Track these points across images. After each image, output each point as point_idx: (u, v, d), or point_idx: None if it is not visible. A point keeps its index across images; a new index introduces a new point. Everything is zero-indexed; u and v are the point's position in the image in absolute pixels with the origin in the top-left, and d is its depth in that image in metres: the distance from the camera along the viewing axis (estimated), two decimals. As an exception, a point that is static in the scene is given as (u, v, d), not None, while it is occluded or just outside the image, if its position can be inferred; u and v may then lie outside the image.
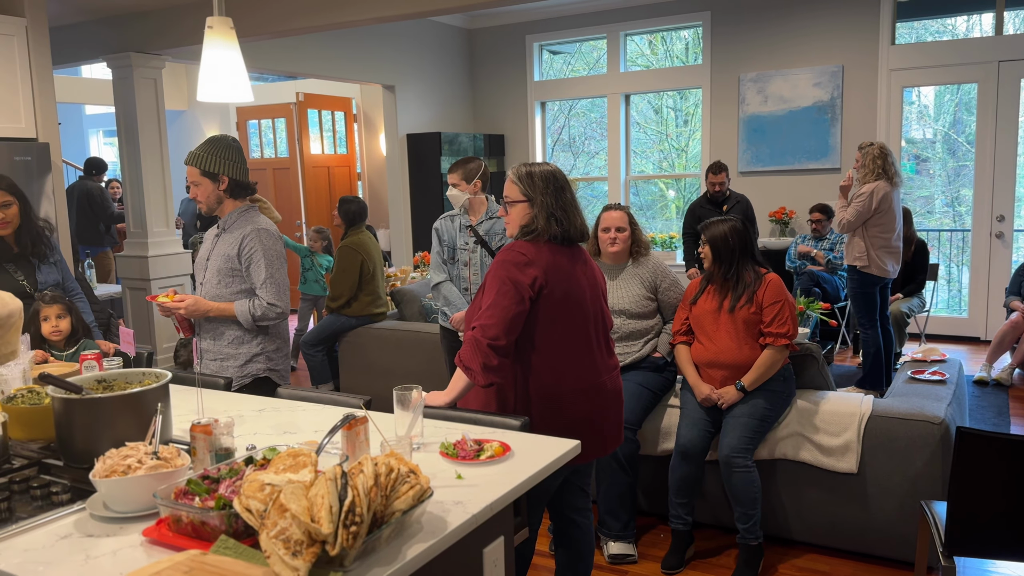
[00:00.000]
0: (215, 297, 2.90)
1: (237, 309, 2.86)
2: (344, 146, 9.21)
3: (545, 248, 2.33)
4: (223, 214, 2.93)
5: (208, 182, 2.84)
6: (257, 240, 2.84)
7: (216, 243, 2.94)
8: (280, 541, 1.35)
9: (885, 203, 4.91)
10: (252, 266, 2.86)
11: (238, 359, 2.91)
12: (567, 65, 8.75)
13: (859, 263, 5.03)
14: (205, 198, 2.88)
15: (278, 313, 2.87)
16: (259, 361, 2.92)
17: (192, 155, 2.85)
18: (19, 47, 4.52)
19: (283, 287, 2.89)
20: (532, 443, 2.03)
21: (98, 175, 7.81)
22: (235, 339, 2.91)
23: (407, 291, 5.46)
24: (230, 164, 2.84)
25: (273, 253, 2.87)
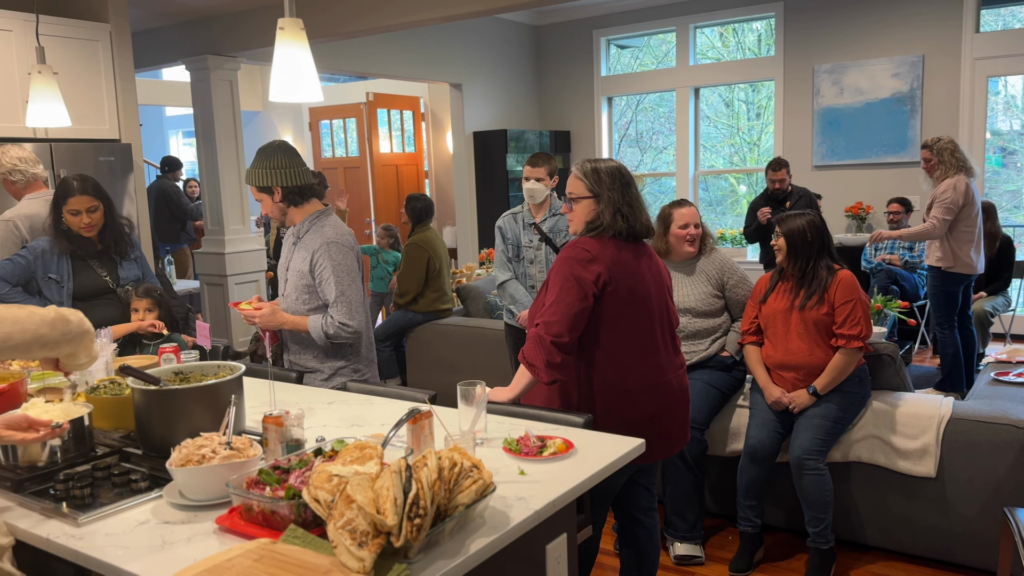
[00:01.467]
0: (294, 312, 2.82)
1: (311, 325, 2.76)
2: (412, 144, 9.33)
3: (610, 244, 2.31)
4: (294, 223, 2.84)
5: (267, 197, 2.77)
6: (327, 256, 2.73)
7: (293, 253, 2.85)
8: (347, 531, 1.38)
9: (969, 195, 4.74)
10: (323, 284, 2.75)
11: (323, 373, 2.83)
12: (635, 59, 8.66)
13: (943, 264, 4.84)
14: (270, 212, 2.81)
15: (351, 332, 2.74)
16: (345, 374, 2.84)
17: (247, 174, 2.79)
18: (103, 52, 4.71)
19: (355, 304, 2.76)
20: (596, 440, 2.01)
21: (172, 172, 8.11)
22: (320, 352, 2.82)
23: (472, 287, 5.50)
24: (279, 173, 2.73)
25: (343, 268, 2.74)
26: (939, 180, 4.82)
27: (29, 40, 4.27)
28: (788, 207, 5.77)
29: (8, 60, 4.26)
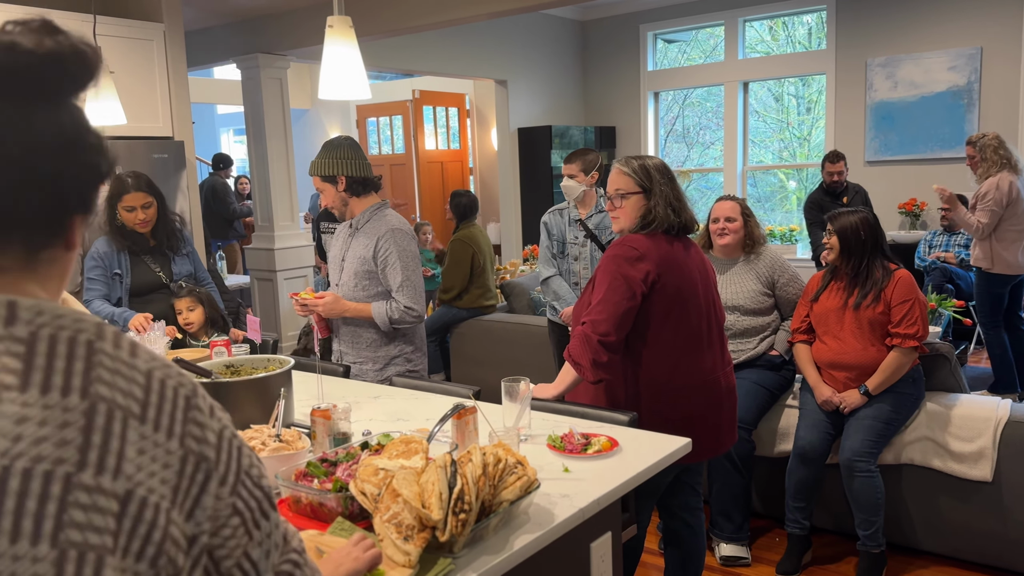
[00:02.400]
0: (352, 299, 2.86)
1: (374, 311, 2.81)
2: (457, 141, 9.36)
3: (660, 240, 2.29)
4: (353, 215, 2.90)
5: (329, 187, 2.83)
6: (392, 242, 2.79)
7: (350, 243, 2.91)
8: (392, 525, 1.39)
9: (1013, 193, 4.59)
10: (388, 268, 2.80)
11: (377, 362, 2.87)
12: (682, 54, 8.57)
13: (983, 264, 4.71)
14: (331, 203, 2.86)
15: (415, 316, 2.81)
16: (398, 363, 2.88)
17: (311, 164, 2.86)
18: (157, 51, 4.82)
19: (419, 289, 2.83)
20: (641, 439, 2.00)
21: (224, 169, 8.28)
22: (373, 342, 2.87)
23: (516, 284, 5.50)
24: (344, 163, 2.81)
25: (408, 254, 2.82)
26: (982, 178, 4.68)
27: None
28: (845, 202, 5.65)
29: (67, 60, 4.39)
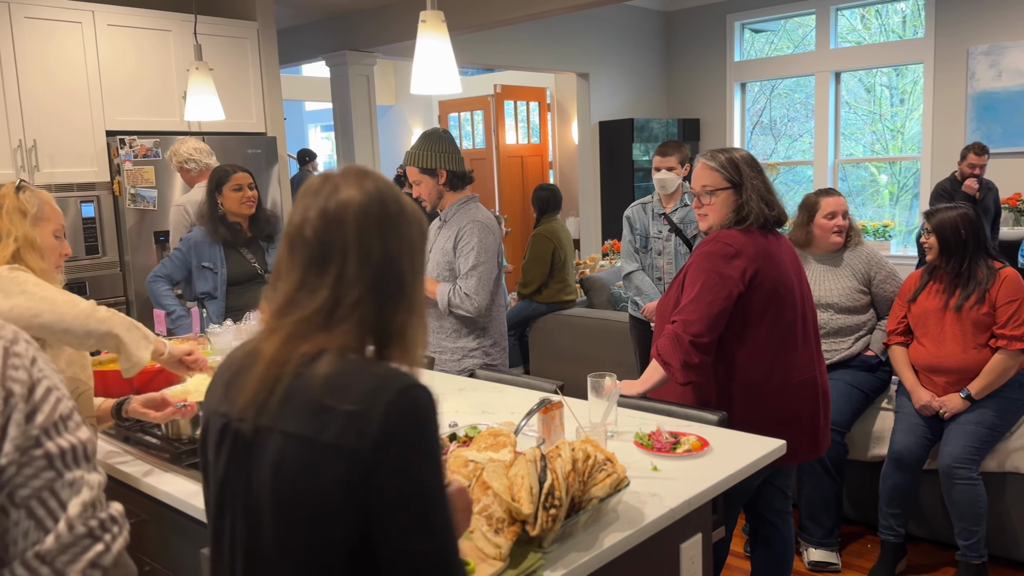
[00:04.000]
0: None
1: (438, 291, 2.84)
2: (537, 135, 9.36)
3: (755, 235, 2.23)
4: (443, 208, 2.92)
5: (428, 179, 2.84)
6: (472, 233, 2.81)
7: (437, 236, 2.94)
8: (483, 517, 1.39)
9: None
10: (461, 257, 2.82)
11: (456, 353, 2.90)
12: (769, 44, 8.33)
13: None
14: (427, 195, 2.87)
15: (473, 307, 2.80)
16: (476, 356, 2.89)
17: (409, 155, 2.87)
18: (251, 49, 4.97)
19: (484, 281, 2.81)
20: (732, 439, 1.95)
21: (309, 163, 8.51)
22: (452, 332, 2.89)
23: (596, 279, 5.46)
24: (446, 157, 2.83)
25: (483, 247, 2.81)
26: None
27: (185, 39, 4.56)
28: (978, 199, 5.40)
29: (166, 58, 4.57)
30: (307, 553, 1.00)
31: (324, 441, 0.98)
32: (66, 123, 4.20)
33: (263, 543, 1.03)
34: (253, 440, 1.04)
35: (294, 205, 1.10)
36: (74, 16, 4.21)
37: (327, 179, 1.09)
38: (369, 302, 1.04)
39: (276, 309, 1.06)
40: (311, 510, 0.99)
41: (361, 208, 1.06)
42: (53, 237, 1.89)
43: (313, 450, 0.99)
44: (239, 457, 1.05)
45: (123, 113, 4.40)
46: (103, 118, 4.33)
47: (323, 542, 1.00)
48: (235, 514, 1.07)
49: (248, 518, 1.04)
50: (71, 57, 4.20)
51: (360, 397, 0.99)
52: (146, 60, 4.49)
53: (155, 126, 4.53)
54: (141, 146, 4.34)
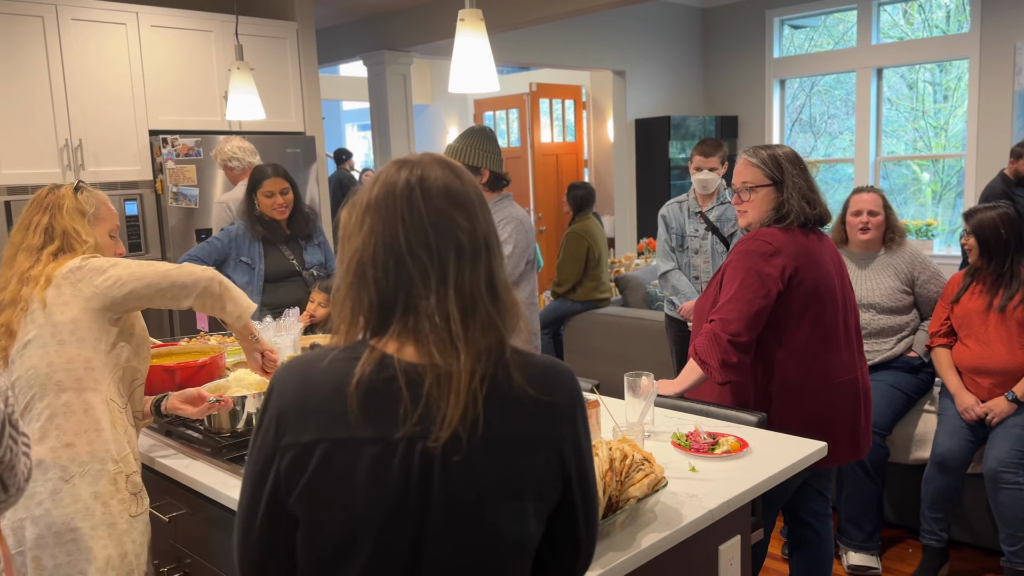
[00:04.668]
0: None
1: None
2: (572, 134, 9.33)
3: (796, 233, 2.20)
4: None
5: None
6: (507, 227, 2.78)
7: None
8: (519, 516, 1.39)
9: None
10: None
11: None
12: (809, 40, 8.21)
13: None
14: None
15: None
16: None
17: (453, 149, 2.82)
18: (290, 49, 5.03)
19: (508, 275, 2.80)
20: (772, 441, 1.93)
21: (346, 161, 8.60)
22: None
23: (631, 277, 5.43)
24: (490, 157, 2.80)
25: (511, 240, 2.78)
26: None
27: (226, 39, 4.63)
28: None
29: (208, 58, 4.65)
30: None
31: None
32: (110, 123, 4.29)
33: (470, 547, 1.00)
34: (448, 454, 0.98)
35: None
36: (119, 18, 4.29)
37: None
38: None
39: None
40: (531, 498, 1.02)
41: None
42: (108, 237, 1.93)
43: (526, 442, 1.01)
44: (427, 476, 0.98)
45: (165, 113, 4.48)
46: (146, 118, 4.41)
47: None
48: (418, 536, 0.99)
49: (454, 528, 0.99)
50: (115, 58, 4.29)
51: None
52: (188, 60, 4.57)
53: (197, 125, 4.60)
54: (183, 145, 4.42)
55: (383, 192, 1.04)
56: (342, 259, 1.05)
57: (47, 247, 1.81)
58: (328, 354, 1.03)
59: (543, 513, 1.04)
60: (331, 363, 1.02)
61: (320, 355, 1.04)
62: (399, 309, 1.01)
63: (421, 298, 1.00)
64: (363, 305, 1.02)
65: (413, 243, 1.01)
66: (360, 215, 1.04)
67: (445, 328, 0.99)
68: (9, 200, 3.93)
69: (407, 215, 1.01)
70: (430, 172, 1.05)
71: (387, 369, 0.99)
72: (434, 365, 0.98)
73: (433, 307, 0.99)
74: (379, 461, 0.97)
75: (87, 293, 1.75)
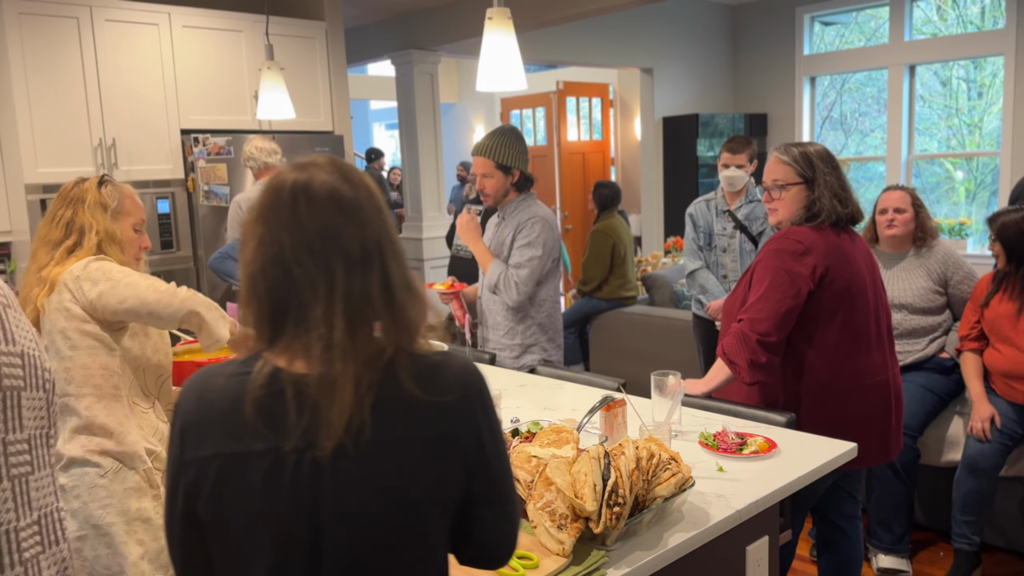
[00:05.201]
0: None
1: (492, 265, 2.81)
2: (599, 132, 9.31)
3: (827, 232, 2.17)
4: (503, 205, 2.89)
5: (501, 175, 2.79)
6: (531, 227, 2.78)
7: (496, 232, 2.92)
8: (546, 513, 1.40)
9: None
10: (517, 247, 2.79)
11: (513, 350, 2.89)
12: (840, 36, 8.11)
13: None
14: (493, 191, 2.82)
15: (516, 297, 2.76)
16: (533, 352, 2.88)
17: (483, 147, 2.80)
18: (319, 49, 5.07)
19: (534, 275, 2.76)
20: (801, 441, 1.91)
21: (376, 161, 8.64)
22: (510, 330, 2.88)
23: (658, 276, 5.41)
24: (522, 158, 2.80)
25: (540, 240, 2.78)
26: None
27: (256, 39, 4.68)
28: None
29: (238, 58, 4.70)
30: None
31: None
32: (143, 122, 4.36)
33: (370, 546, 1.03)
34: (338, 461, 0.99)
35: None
36: (151, 18, 4.36)
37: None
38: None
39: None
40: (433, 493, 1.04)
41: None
42: (133, 231, 1.96)
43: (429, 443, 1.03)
44: (320, 483, 1.00)
45: (197, 112, 4.54)
46: (178, 117, 4.47)
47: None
48: (314, 540, 1.01)
49: (350, 531, 1.01)
50: (148, 58, 4.35)
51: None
52: (219, 60, 4.63)
53: (227, 125, 4.66)
54: (214, 144, 4.47)
55: (269, 200, 1.03)
56: (240, 270, 1.05)
57: (65, 242, 1.84)
58: (226, 369, 1.04)
59: (446, 508, 1.05)
60: (227, 380, 1.03)
61: (218, 370, 1.05)
62: (291, 320, 1.00)
63: (310, 308, 0.99)
64: (258, 317, 1.02)
65: (299, 252, 0.99)
66: (251, 224, 1.03)
67: (330, 338, 0.98)
68: (44, 198, 4.00)
69: (292, 224, 1.00)
70: (316, 177, 1.02)
71: (277, 383, 1.00)
72: (320, 375, 0.99)
73: (320, 317, 0.98)
74: (271, 473, 0.99)
75: (83, 302, 1.77)
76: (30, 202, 3.98)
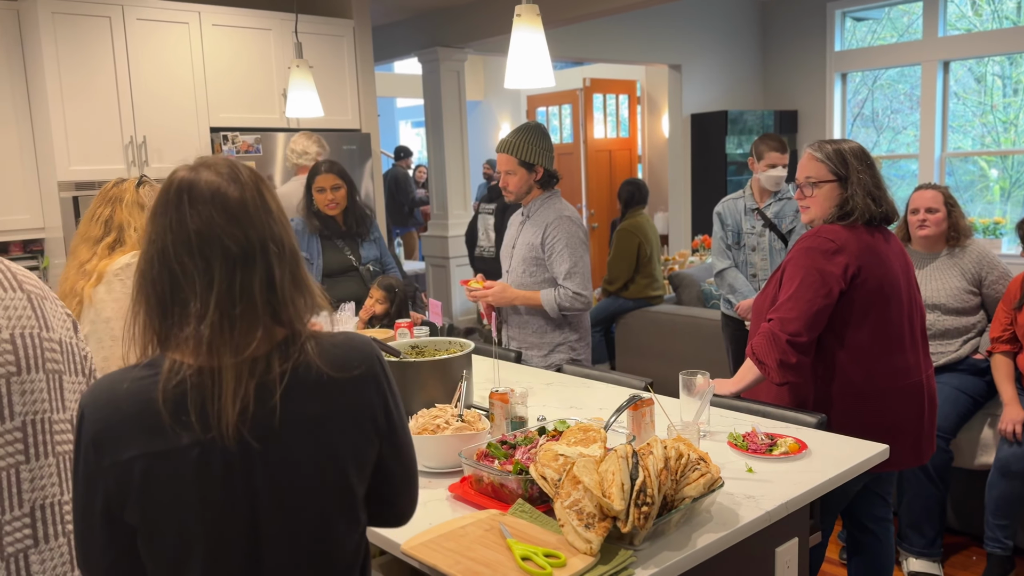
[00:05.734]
0: (521, 286, 2.89)
1: (543, 298, 2.82)
2: (626, 129, 9.26)
3: (860, 231, 2.14)
4: (527, 202, 2.91)
5: (524, 172, 2.81)
6: (560, 228, 2.78)
7: (521, 231, 2.93)
8: (574, 512, 1.39)
9: None
10: (555, 256, 2.79)
11: (542, 348, 2.89)
12: (872, 32, 7.99)
13: None
14: (516, 188, 2.84)
15: (584, 303, 2.79)
16: (562, 351, 2.88)
17: (508, 143, 2.82)
18: (347, 47, 5.09)
19: (587, 275, 2.80)
20: (832, 443, 1.89)
21: (404, 159, 8.66)
22: (539, 328, 2.88)
23: (685, 275, 5.37)
24: (547, 156, 2.81)
25: (576, 240, 2.80)
26: None
27: (285, 38, 4.71)
28: None
29: (266, 56, 4.73)
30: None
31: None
32: (173, 120, 4.40)
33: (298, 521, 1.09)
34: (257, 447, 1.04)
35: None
36: (182, 17, 4.40)
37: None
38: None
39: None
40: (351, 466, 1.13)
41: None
42: None
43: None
44: (248, 467, 1.04)
45: (226, 110, 4.58)
46: (207, 115, 4.52)
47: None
48: (252, 520, 1.06)
49: (282, 508, 1.07)
50: (178, 56, 4.40)
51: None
52: (248, 58, 4.66)
53: (256, 122, 4.69)
54: (243, 142, 4.51)
55: (158, 200, 1.07)
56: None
57: (104, 239, 1.89)
58: (130, 374, 1.06)
59: (365, 473, 1.14)
60: (132, 383, 1.04)
61: (121, 376, 1.06)
62: (176, 315, 1.04)
63: (188, 303, 1.03)
64: (148, 312, 1.05)
65: (180, 251, 1.03)
66: (145, 225, 1.09)
67: (203, 331, 1.02)
68: (77, 195, 4.06)
69: (175, 223, 1.04)
70: (201, 177, 1.06)
71: (180, 376, 1.03)
72: (200, 368, 1.03)
73: (195, 312, 1.02)
74: (200, 462, 1.02)
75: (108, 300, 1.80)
76: (63, 199, 4.04)
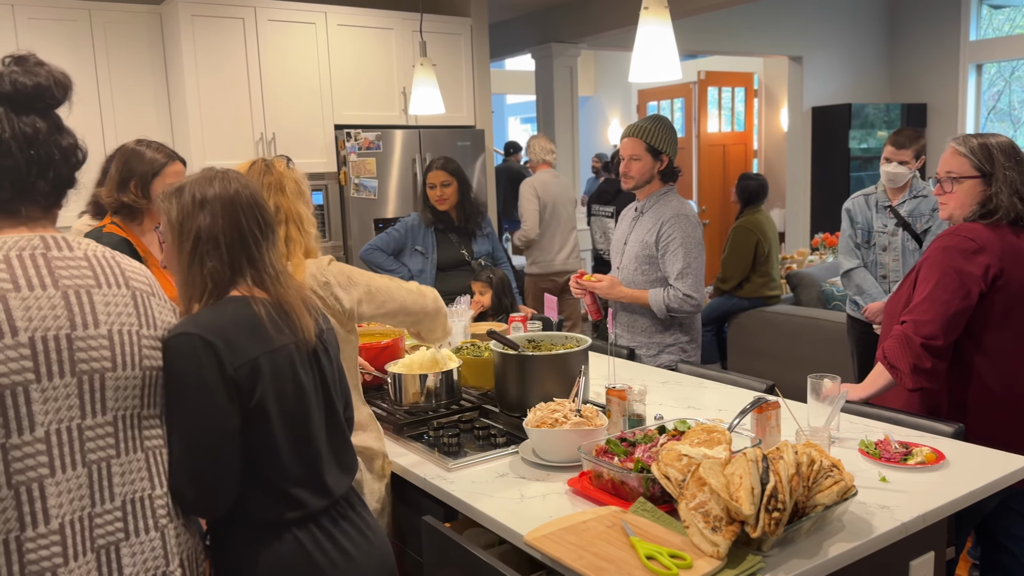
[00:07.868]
0: (631, 283, 2.85)
1: (651, 298, 2.78)
2: (741, 123, 9.01)
3: (1004, 231, 2.01)
4: (644, 196, 2.87)
5: (650, 158, 2.79)
6: (676, 227, 2.73)
7: (634, 226, 2.89)
8: (699, 514, 1.37)
9: None
10: (668, 255, 2.75)
11: (651, 348, 2.85)
12: (1010, 21, 7.47)
13: None
14: (639, 174, 2.81)
15: (693, 306, 2.74)
16: (671, 352, 2.84)
17: (639, 128, 2.79)
18: (464, 44, 5.17)
19: (700, 277, 2.74)
20: (972, 454, 1.78)
21: (514, 154, 8.72)
22: (647, 328, 2.85)
23: (805, 274, 5.18)
24: (672, 145, 2.80)
25: (692, 241, 2.74)
26: None
27: (406, 37, 4.83)
28: None
29: (388, 55, 4.87)
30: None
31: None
32: (300, 117, 4.59)
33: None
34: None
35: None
36: (309, 18, 4.58)
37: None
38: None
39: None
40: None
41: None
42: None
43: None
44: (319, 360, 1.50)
45: (349, 108, 4.74)
46: (332, 112, 4.69)
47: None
48: (327, 396, 1.50)
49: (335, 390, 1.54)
50: (305, 56, 4.58)
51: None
52: (371, 57, 4.81)
53: (377, 120, 4.84)
54: (365, 139, 4.66)
55: (227, 199, 1.44)
56: (206, 239, 1.40)
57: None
58: (220, 308, 1.38)
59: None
60: (232, 312, 1.38)
61: (213, 310, 1.38)
62: (246, 267, 1.42)
63: (256, 259, 1.43)
64: (219, 267, 1.39)
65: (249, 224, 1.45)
66: (197, 212, 1.41)
67: (275, 276, 1.45)
68: (213, 189, 4.30)
69: (232, 213, 1.43)
70: (244, 183, 1.47)
71: (264, 304, 1.41)
72: (284, 300, 1.45)
73: (267, 261, 1.45)
74: (296, 357, 1.42)
75: (337, 310, 1.84)
76: (200, 192, 4.29)
